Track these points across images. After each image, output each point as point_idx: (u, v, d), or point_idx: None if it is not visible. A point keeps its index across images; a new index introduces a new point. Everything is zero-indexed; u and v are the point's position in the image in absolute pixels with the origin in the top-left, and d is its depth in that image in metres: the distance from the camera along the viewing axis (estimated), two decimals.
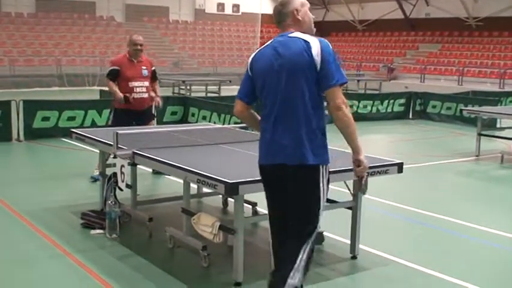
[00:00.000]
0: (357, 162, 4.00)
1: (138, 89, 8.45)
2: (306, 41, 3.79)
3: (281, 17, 3.97)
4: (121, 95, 8.27)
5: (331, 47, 3.83)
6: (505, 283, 5.38)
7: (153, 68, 8.79)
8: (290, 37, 3.87)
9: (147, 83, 8.57)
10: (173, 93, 22.50)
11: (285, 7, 3.94)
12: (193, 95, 19.71)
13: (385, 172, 5.50)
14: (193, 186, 6.21)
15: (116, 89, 8.33)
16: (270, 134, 3.88)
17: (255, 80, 3.99)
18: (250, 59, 4.10)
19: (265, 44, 4.03)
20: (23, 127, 12.28)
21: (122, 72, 8.38)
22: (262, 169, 3.99)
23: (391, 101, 18.14)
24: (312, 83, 3.77)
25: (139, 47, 8.48)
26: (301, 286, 3.85)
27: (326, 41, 3.84)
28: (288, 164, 3.80)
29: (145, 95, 8.54)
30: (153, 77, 8.76)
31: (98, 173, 7.99)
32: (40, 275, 5.25)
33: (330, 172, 3.92)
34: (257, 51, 4.09)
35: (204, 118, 14.09)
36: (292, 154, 3.78)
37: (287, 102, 3.80)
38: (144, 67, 8.57)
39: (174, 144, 6.34)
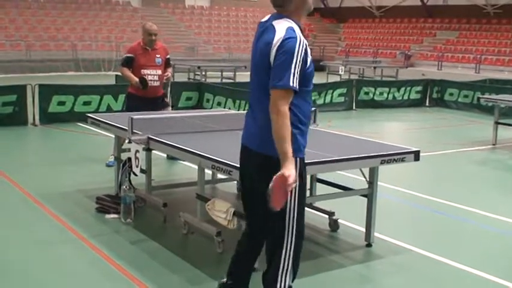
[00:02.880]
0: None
1: (150, 77, 8.44)
2: (274, 30, 3.57)
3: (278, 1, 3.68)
4: (136, 79, 8.28)
5: (296, 44, 3.49)
6: None
7: (168, 56, 8.76)
8: (271, 25, 3.63)
9: (159, 71, 8.56)
10: (188, 78, 22.48)
11: None
12: (208, 80, 19.67)
13: (402, 160, 5.45)
14: (208, 172, 6.20)
15: (129, 73, 8.36)
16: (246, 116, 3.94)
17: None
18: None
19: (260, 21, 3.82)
20: (39, 111, 12.33)
21: (136, 59, 8.39)
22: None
23: (408, 88, 18.00)
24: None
25: (153, 37, 8.46)
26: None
27: (295, 34, 3.53)
28: (249, 147, 3.81)
29: (157, 83, 8.54)
30: (166, 64, 8.74)
31: (113, 159, 8.02)
32: (54, 258, 5.28)
33: (305, 165, 3.78)
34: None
35: (219, 104, 14.08)
36: (253, 139, 3.77)
37: (255, 91, 3.78)
38: (158, 55, 8.54)
39: (189, 130, 6.32)
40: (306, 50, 3.55)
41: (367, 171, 5.67)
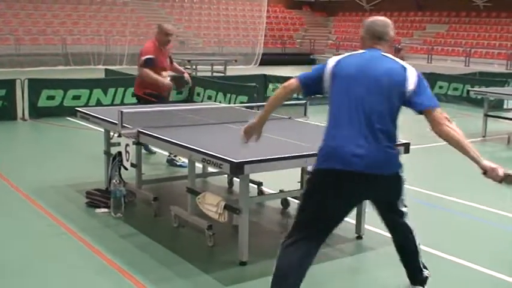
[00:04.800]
0: (484, 170, 4.20)
1: (168, 78, 8.39)
2: (403, 67, 3.91)
3: (383, 36, 4.07)
4: (165, 80, 8.15)
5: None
6: (510, 263, 5.35)
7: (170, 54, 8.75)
8: (385, 56, 3.99)
9: (170, 71, 8.62)
10: None
11: (390, 29, 4.12)
12: (198, 74, 19.65)
13: None
14: (199, 165, 6.19)
15: (155, 75, 8.07)
16: (350, 144, 3.78)
17: (335, 81, 3.91)
18: (334, 61, 3.99)
19: (353, 53, 4.06)
20: (28, 106, 12.27)
21: (158, 61, 8.17)
22: (336, 174, 3.82)
23: None
24: (399, 105, 3.93)
25: (170, 38, 8.38)
26: None
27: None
28: (377, 173, 3.86)
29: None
30: (171, 62, 8.79)
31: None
32: (44, 252, 5.26)
33: None
34: (343, 56, 4.03)
35: (209, 97, 14.07)
36: (386, 164, 3.93)
37: (374, 116, 3.82)
38: (168, 55, 8.57)
39: (180, 124, 6.31)
40: None
41: None
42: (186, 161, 6.05)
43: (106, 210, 6.31)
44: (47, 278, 4.78)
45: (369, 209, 4.39)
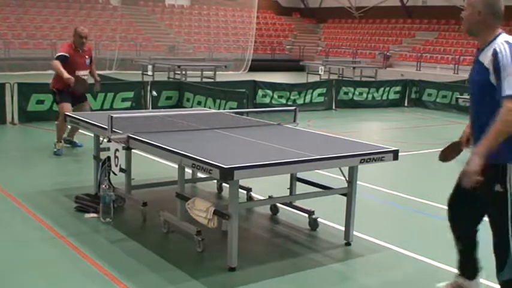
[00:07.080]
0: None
1: (83, 77, 9.29)
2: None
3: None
4: (68, 75, 8.86)
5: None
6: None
7: (92, 55, 9.69)
8: None
9: (88, 71, 9.51)
10: (168, 78, 22.39)
11: None
12: (188, 79, 19.63)
13: (381, 159, 5.49)
14: (188, 171, 6.20)
15: (63, 70, 8.92)
16: None
17: None
18: None
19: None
20: (18, 110, 12.23)
21: (71, 60, 9.03)
22: None
23: (387, 89, 18.12)
24: None
25: (84, 40, 9.26)
26: None
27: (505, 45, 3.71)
28: None
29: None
30: (91, 62, 9.63)
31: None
32: (33, 257, 5.24)
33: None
34: None
35: (199, 103, 14.07)
36: None
37: None
38: (87, 57, 9.42)
39: (169, 129, 6.32)
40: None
41: (346, 170, 5.70)
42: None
43: (95, 215, 6.30)
44: (35, 282, 4.77)
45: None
